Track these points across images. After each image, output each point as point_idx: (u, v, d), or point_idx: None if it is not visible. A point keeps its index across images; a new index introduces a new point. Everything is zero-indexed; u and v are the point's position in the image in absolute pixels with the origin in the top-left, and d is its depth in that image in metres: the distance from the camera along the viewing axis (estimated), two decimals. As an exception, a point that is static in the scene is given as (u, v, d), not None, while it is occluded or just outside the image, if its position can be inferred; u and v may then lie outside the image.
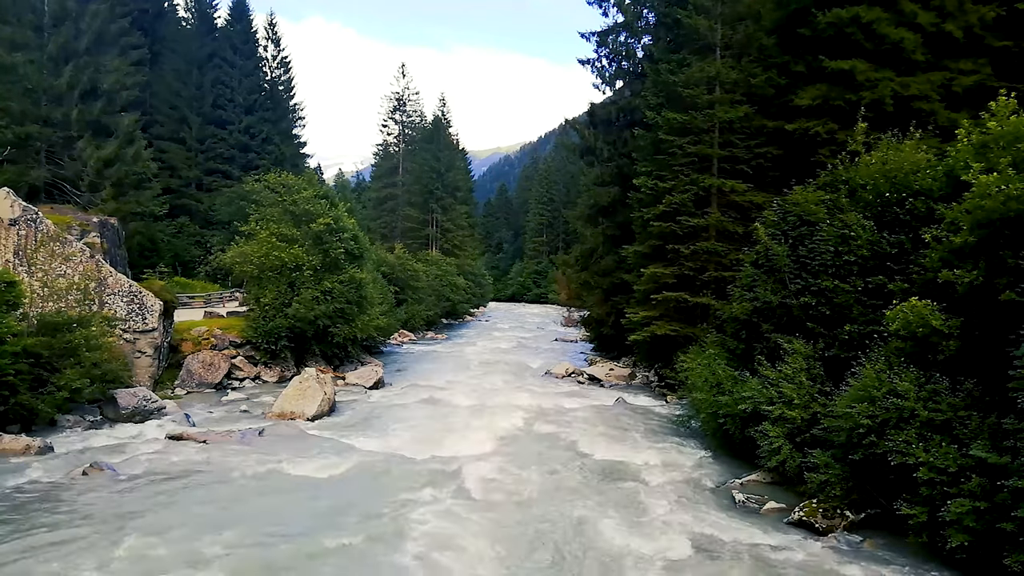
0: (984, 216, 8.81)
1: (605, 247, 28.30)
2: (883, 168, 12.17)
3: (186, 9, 47.26)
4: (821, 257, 12.09)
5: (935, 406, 8.85)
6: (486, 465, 12.69)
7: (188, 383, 19.83)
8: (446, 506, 10.34)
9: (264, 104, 45.72)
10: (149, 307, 18.57)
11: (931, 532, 8.42)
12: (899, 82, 16.09)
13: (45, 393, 13.76)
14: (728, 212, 19.77)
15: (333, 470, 12.13)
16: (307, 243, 23.33)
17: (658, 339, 20.44)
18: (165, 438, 13.88)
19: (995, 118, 9.77)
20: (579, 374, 25.16)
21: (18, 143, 26.05)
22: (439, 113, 67.24)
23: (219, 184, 42.00)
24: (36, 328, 14.68)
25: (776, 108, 18.62)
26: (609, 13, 28.61)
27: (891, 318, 9.68)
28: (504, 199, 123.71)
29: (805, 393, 11.17)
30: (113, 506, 9.81)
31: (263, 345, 21.99)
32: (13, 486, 10.55)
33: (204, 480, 11.23)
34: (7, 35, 25.85)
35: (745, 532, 9.61)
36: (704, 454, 13.93)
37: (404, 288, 39.94)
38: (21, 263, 16.83)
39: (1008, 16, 16.31)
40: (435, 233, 61.74)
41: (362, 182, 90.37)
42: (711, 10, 20.98)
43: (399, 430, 15.47)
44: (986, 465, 7.85)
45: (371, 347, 29.42)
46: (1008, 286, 8.45)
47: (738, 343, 14.27)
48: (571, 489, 11.48)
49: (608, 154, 28.57)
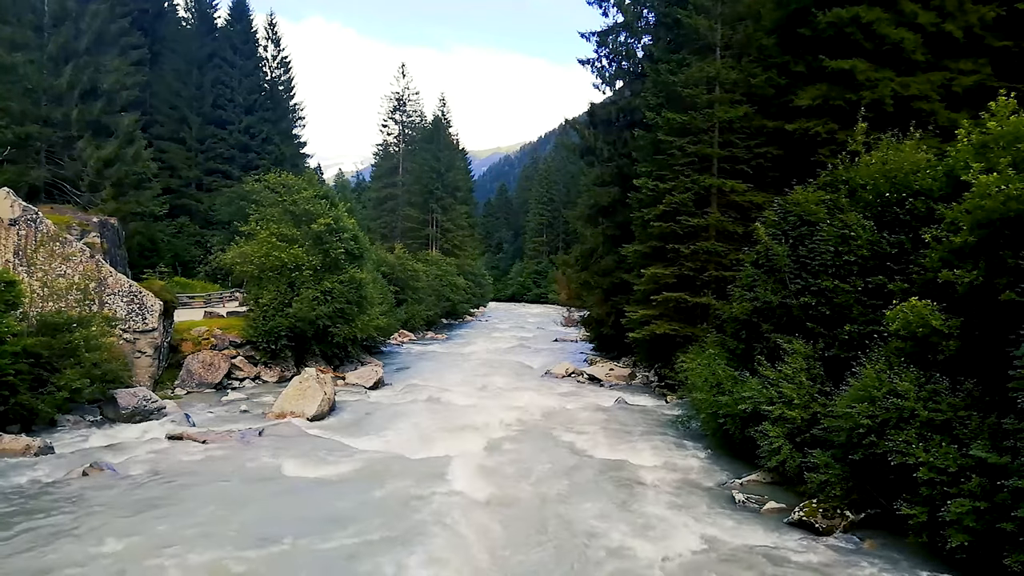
0: (984, 216, 8.82)
1: (605, 247, 28.30)
2: (883, 168, 12.17)
3: (186, 9, 47.31)
4: (821, 257, 12.09)
5: (935, 406, 8.85)
6: (486, 465, 12.70)
7: (188, 383, 19.83)
8: (446, 506, 10.33)
9: (264, 104, 45.74)
10: (149, 307, 18.58)
11: (931, 532, 8.42)
12: (899, 82, 16.08)
13: (45, 393, 13.78)
14: (728, 212, 19.77)
15: (333, 470, 12.14)
16: (307, 243, 23.35)
17: (658, 339, 20.43)
18: (165, 438, 13.88)
19: (995, 118, 9.77)
20: (579, 374, 25.15)
21: (18, 143, 26.07)
22: (439, 113, 67.31)
23: (219, 184, 42.02)
24: (36, 328, 14.70)
25: (776, 108, 18.60)
26: (609, 13, 28.67)
27: (891, 318, 9.68)
28: (504, 199, 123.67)
29: (805, 393, 11.17)
30: (113, 506, 9.81)
31: (263, 345, 22.01)
32: (13, 486, 10.56)
33: (204, 480, 11.24)
34: (7, 35, 25.86)
35: (745, 532, 9.61)
36: (704, 454, 13.94)
37: (404, 288, 39.93)
38: (21, 263, 16.84)
39: (1008, 16, 16.30)
40: (435, 233, 61.74)
41: (362, 182, 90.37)
42: (711, 10, 20.98)
43: (399, 430, 15.48)
44: (986, 465, 7.85)
45: (371, 347, 29.43)
46: (1008, 286, 8.45)
47: (738, 343, 14.27)
48: (571, 489, 11.47)
49: (608, 154, 28.57)
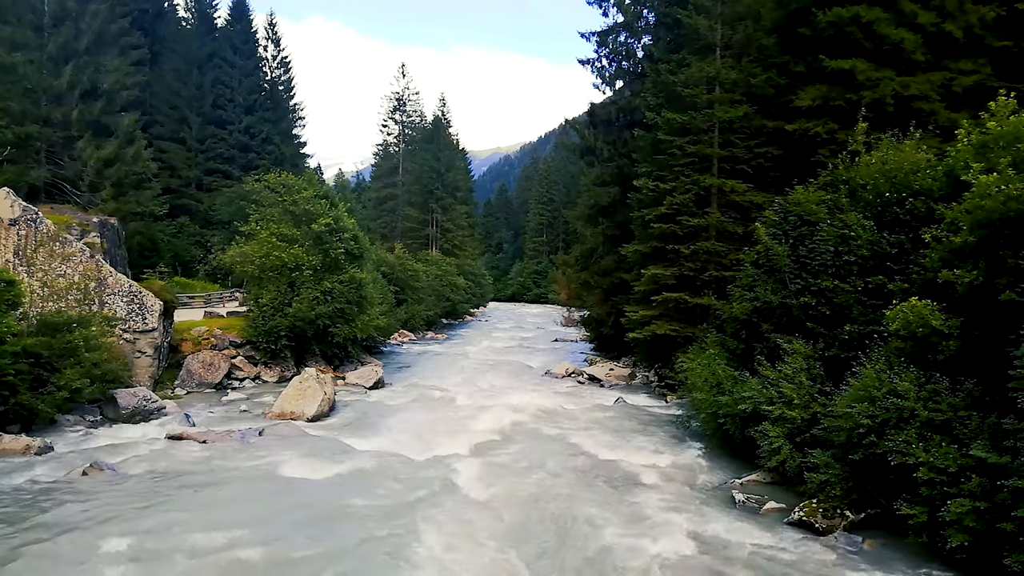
0: (984, 216, 8.81)
1: (605, 247, 28.30)
2: (883, 168, 12.16)
3: (186, 9, 47.31)
4: (821, 257, 12.08)
5: (935, 406, 8.84)
6: (486, 465, 12.70)
7: (188, 383, 19.83)
8: (446, 506, 10.34)
9: (264, 104, 45.73)
10: (149, 307, 18.58)
11: (931, 532, 8.42)
12: (899, 82, 16.07)
13: (45, 393, 13.77)
14: (728, 212, 19.78)
15: (333, 470, 12.13)
16: (307, 243, 23.35)
17: (658, 339, 20.44)
18: (165, 438, 13.88)
19: (995, 118, 9.77)
20: (579, 374, 25.14)
21: (18, 143, 26.07)
22: (439, 113, 67.29)
23: (219, 184, 42.01)
24: (36, 328, 14.69)
25: (776, 108, 18.60)
26: (609, 13, 28.67)
27: (891, 318, 9.68)
28: (504, 199, 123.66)
29: (805, 393, 11.17)
30: (113, 506, 9.80)
31: (263, 345, 22.01)
32: (13, 486, 10.56)
33: (204, 480, 11.23)
34: (7, 35, 25.85)
35: (745, 532, 9.61)
36: (704, 454, 13.93)
37: (404, 288, 39.94)
38: (21, 263, 16.84)
39: (1008, 16, 16.29)
40: (435, 233, 61.72)
41: (362, 182, 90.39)
42: (711, 10, 20.98)
43: (399, 430, 15.47)
44: (986, 465, 7.85)
45: (371, 347, 29.43)
46: (1008, 286, 8.45)
47: (738, 343, 14.26)
48: (571, 489, 11.46)
49: (608, 154, 28.58)
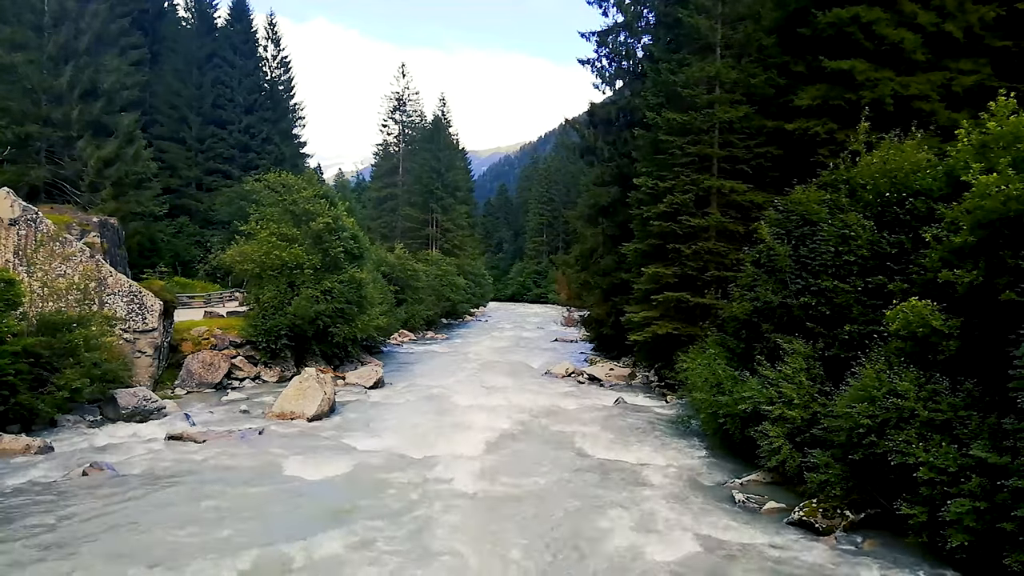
0: (984, 216, 8.81)
1: (605, 247, 28.31)
2: (883, 168, 12.15)
3: (186, 9, 47.35)
4: (821, 257, 12.08)
5: (935, 406, 8.85)
6: (486, 465, 12.70)
7: (188, 383, 19.83)
8: (446, 506, 10.33)
9: (264, 104, 45.76)
10: (149, 307, 18.58)
11: (931, 532, 8.43)
12: (899, 82, 16.06)
13: (45, 393, 13.79)
14: (728, 212, 19.76)
15: (333, 470, 12.13)
16: (307, 243, 23.35)
17: (658, 339, 20.42)
18: (165, 438, 13.87)
19: (995, 118, 9.75)
20: (579, 374, 25.13)
21: (18, 143, 26.11)
22: (439, 113, 67.36)
23: (219, 184, 42.01)
24: (36, 328, 14.71)
25: (776, 108, 18.59)
26: (609, 13, 28.71)
27: (891, 318, 9.68)
28: (504, 199, 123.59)
29: (805, 393, 11.17)
30: (113, 506, 9.81)
31: (263, 344, 22.01)
32: (13, 486, 10.56)
33: (204, 480, 11.23)
34: (7, 35, 25.87)
35: (745, 532, 9.61)
36: (704, 454, 13.93)
37: (404, 288, 39.91)
38: (21, 263, 16.83)
39: (1008, 16, 16.28)
40: (435, 233, 61.70)
41: (362, 182, 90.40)
42: (711, 10, 20.97)
43: (399, 430, 15.47)
44: (986, 465, 7.85)
45: (371, 347, 29.43)
46: (1008, 286, 8.45)
47: (738, 343, 14.27)
48: (571, 489, 11.47)
49: (608, 154, 28.59)
